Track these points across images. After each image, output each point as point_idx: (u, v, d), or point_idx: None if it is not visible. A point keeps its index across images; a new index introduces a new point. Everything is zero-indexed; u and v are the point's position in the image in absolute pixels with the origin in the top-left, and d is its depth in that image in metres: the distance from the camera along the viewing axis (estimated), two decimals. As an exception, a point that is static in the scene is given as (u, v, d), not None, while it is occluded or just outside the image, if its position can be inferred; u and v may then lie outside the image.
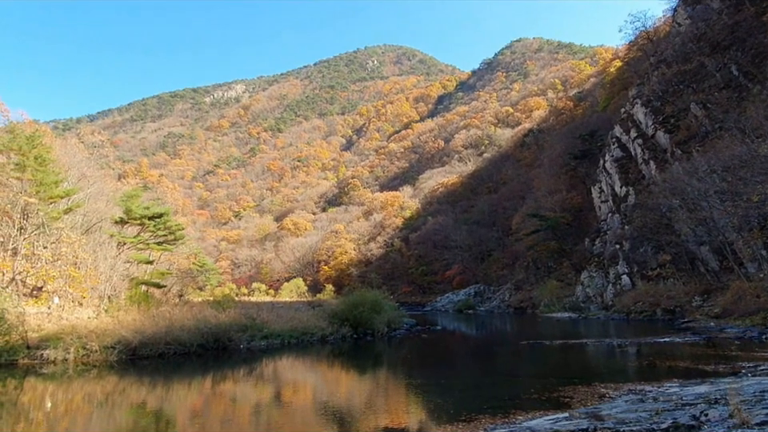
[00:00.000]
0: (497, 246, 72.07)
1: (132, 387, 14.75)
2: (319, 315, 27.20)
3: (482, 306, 57.59)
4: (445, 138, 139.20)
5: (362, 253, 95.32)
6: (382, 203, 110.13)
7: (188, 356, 18.80)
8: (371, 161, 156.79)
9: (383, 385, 15.14)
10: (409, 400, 12.53)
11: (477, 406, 10.40)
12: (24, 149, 24.41)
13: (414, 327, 30.99)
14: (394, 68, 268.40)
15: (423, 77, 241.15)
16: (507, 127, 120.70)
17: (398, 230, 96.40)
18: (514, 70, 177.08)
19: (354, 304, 26.58)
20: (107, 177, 43.55)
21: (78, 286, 24.64)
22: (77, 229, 28.97)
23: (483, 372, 16.49)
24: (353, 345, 23.88)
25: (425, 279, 79.87)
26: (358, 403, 12.30)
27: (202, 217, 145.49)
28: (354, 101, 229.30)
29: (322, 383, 15.84)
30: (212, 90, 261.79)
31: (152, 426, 10.69)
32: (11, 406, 12.17)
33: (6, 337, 16.43)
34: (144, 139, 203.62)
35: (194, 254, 41.95)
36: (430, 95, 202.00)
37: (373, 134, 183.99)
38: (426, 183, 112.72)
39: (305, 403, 12.90)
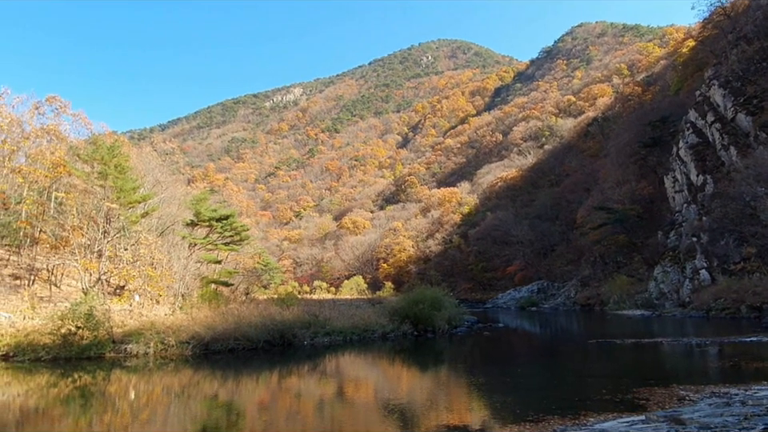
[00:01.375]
0: (560, 240, 69.49)
1: (205, 380, 15.56)
2: (379, 312, 27.41)
3: (545, 303, 55.76)
4: (503, 131, 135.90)
5: (420, 250, 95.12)
6: (439, 200, 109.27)
7: (256, 351, 19.56)
8: (428, 157, 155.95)
9: (445, 382, 15.03)
10: (471, 398, 12.36)
11: (544, 406, 10.07)
12: (106, 158, 26.42)
13: (476, 324, 30.53)
14: (449, 62, 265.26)
15: (479, 70, 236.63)
16: (569, 117, 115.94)
17: (457, 227, 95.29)
18: (576, 56, 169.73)
19: (414, 301, 26.55)
20: (178, 182, 46.18)
21: (155, 284, 26.34)
22: (153, 231, 30.97)
23: (549, 371, 15.96)
24: (414, 342, 23.88)
25: (485, 276, 78.48)
26: (419, 400, 12.29)
27: (264, 217, 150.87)
28: (409, 98, 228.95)
29: (383, 380, 15.96)
30: (271, 94, 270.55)
31: (224, 417, 11.23)
32: (100, 395, 13.22)
33: (95, 332, 17.84)
34: (210, 145, 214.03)
35: (259, 253, 43.64)
36: (487, 88, 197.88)
37: (429, 131, 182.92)
38: (484, 178, 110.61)
39: (367, 399, 13.06)
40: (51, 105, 32.76)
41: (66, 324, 17.49)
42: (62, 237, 26.55)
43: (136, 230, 28.20)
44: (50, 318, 18.12)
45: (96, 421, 10.75)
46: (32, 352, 16.87)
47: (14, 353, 16.87)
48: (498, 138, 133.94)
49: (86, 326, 17.66)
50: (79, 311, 17.72)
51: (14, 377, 14.92)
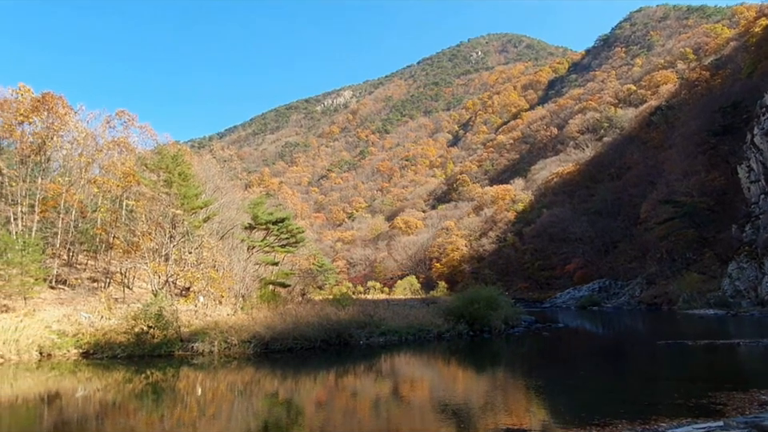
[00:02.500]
0: (623, 236, 66.31)
1: (266, 378, 16.09)
2: (434, 312, 27.27)
3: (608, 302, 53.40)
4: (558, 124, 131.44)
5: (473, 249, 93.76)
6: (492, 197, 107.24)
7: (313, 350, 19.99)
8: (479, 155, 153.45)
9: (502, 383, 14.73)
10: (530, 400, 12.04)
11: (610, 409, 9.66)
12: (170, 167, 27.93)
13: (534, 324, 29.71)
14: (500, 57, 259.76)
15: (531, 62, 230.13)
16: (629, 107, 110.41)
17: (511, 224, 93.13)
18: (635, 43, 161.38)
19: (469, 300, 26.21)
20: (236, 187, 48.07)
21: (218, 286, 27.53)
22: (214, 235, 32.41)
23: (614, 373, 15.28)
24: (469, 342, 23.57)
25: (542, 274, 76.21)
26: (476, 401, 12.11)
27: (318, 219, 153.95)
28: (459, 95, 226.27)
29: (439, 380, 15.87)
30: (322, 98, 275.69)
31: (284, 414, 11.56)
32: (170, 391, 13.98)
33: (165, 331, 18.89)
34: (265, 150, 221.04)
35: (314, 255, 44.60)
36: (540, 81, 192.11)
37: (480, 128, 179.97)
38: (538, 174, 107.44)
39: (423, 399, 13.02)
40: (121, 118, 35.02)
41: (138, 324, 18.63)
42: (133, 242, 28.30)
43: (199, 234, 29.61)
44: (125, 318, 19.36)
45: (167, 415, 11.37)
46: (109, 350, 18.09)
47: (93, 350, 18.16)
48: (553, 132, 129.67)
49: (156, 326, 18.74)
50: (150, 312, 18.84)
51: (94, 373, 16.06)
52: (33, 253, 22.71)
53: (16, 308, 21.06)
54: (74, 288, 26.89)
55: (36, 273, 22.67)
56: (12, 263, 21.44)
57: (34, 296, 22.68)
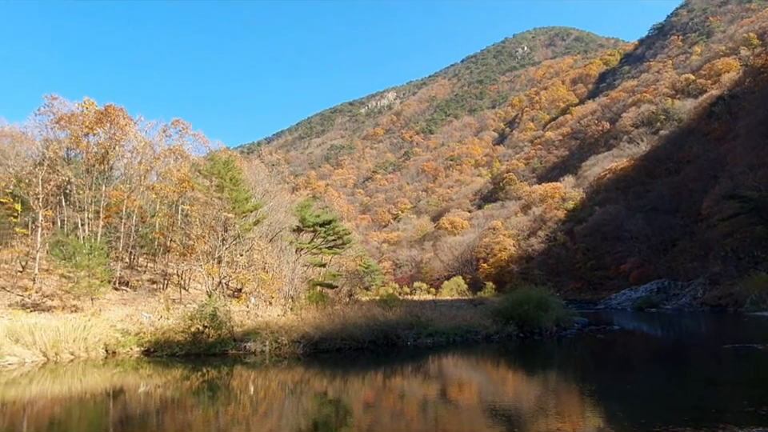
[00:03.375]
0: (683, 234, 62.90)
1: (315, 378, 16.37)
2: (482, 313, 26.85)
3: (667, 303, 50.75)
4: (610, 118, 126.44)
5: (522, 249, 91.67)
6: (541, 196, 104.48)
7: (361, 351, 20.15)
8: (527, 152, 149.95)
9: (554, 387, 14.31)
10: (584, 405, 11.62)
11: (672, 416, 9.18)
12: (222, 172, 29.00)
13: (587, 326, 28.68)
14: (547, 51, 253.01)
15: (580, 56, 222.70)
16: (688, 97, 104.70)
17: (561, 223, 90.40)
18: (693, 30, 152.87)
19: (518, 302, 25.62)
20: (284, 190, 49.26)
21: (268, 287, 28.31)
22: (264, 238, 33.35)
23: (676, 378, 14.50)
24: (519, 344, 23.05)
25: (595, 275, 73.49)
26: (526, 405, 11.82)
27: (364, 221, 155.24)
28: (504, 92, 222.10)
29: (487, 382, 15.61)
30: (366, 101, 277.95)
31: (332, 414, 11.73)
32: (225, 389, 14.50)
33: (219, 331, 19.61)
34: (311, 154, 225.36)
35: (360, 256, 45.00)
36: (590, 74, 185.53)
37: (527, 125, 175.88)
38: (590, 171, 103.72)
39: (471, 402, 12.85)
40: (176, 127, 36.70)
41: (194, 323, 19.43)
42: (188, 245, 29.57)
43: (249, 237, 30.58)
44: (182, 318, 20.24)
45: (221, 412, 11.80)
46: (168, 348, 18.97)
47: (154, 348, 19.11)
48: (605, 127, 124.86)
49: (211, 326, 19.47)
50: (205, 312, 19.60)
51: (154, 370, 16.89)
52: (98, 256, 24.16)
53: (84, 308, 22.47)
54: (135, 289, 28.40)
55: (101, 275, 24.10)
56: (80, 266, 22.91)
57: (100, 297, 24.12)
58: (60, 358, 17.39)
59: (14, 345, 16.97)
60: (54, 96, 32.20)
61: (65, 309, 22.17)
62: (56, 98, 32.25)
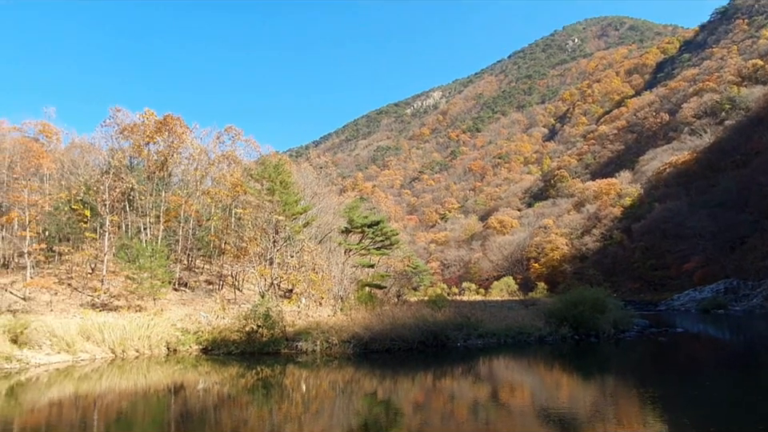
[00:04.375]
0: (752, 231, 58.74)
1: (365, 378, 16.52)
2: (534, 314, 26.21)
3: (735, 304, 47.57)
4: (669, 109, 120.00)
5: (575, 248, 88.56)
6: (595, 192, 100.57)
7: (411, 351, 20.14)
8: (579, 148, 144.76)
9: (611, 392, 13.74)
10: (645, 411, 11.08)
11: (743, 425, 8.60)
12: (272, 176, 29.84)
13: (648, 329, 27.35)
14: (599, 42, 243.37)
15: (635, 45, 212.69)
16: (756, 84, 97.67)
17: (617, 221, 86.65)
18: (761, 12, 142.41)
19: (573, 303, 24.82)
20: (332, 192, 49.97)
21: (318, 288, 28.83)
22: (313, 239, 33.99)
23: (747, 384, 13.58)
24: (574, 346, 22.31)
25: (655, 274, 69.92)
26: (582, 409, 11.41)
27: (411, 221, 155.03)
28: (554, 87, 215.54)
29: (540, 385, 15.20)
30: (411, 101, 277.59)
31: (382, 413, 11.79)
32: (278, 386, 14.90)
33: (272, 331, 20.17)
34: (358, 155, 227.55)
35: (408, 256, 44.95)
36: (646, 64, 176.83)
37: (579, 119, 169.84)
38: (648, 165, 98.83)
39: (523, 405, 12.55)
40: (229, 134, 38.09)
41: (249, 323, 20.08)
42: (241, 247, 30.58)
43: (299, 239, 31.25)
44: (237, 317, 20.98)
45: (275, 409, 12.13)
46: (224, 346, 19.72)
47: (211, 347, 19.91)
48: (664, 118, 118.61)
49: (264, 325, 20.06)
50: (258, 312, 20.22)
51: (212, 367, 17.59)
52: (160, 258, 25.45)
53: (147, 308, 23.74)
54: (193, 290, 29.69)
55: (163, 276, 25.35)
56: (143, 268, 24.22)
57: (161, 297, 25.39)
58: (126, 354, 18.46)
59: (85, 342, 18.16)
60: (118, 108, 34.30)
61: (130, 308, 23.50)
62: (120, 110, 34.34)
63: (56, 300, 24.26)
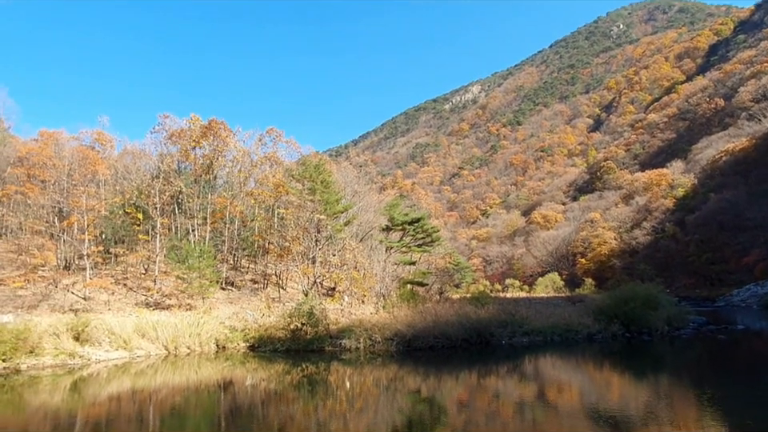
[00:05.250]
0: (821, 221, 54.76)
1: (409, 375, 16.51)
2: (582, 311, 25.45)
3: (804, 300, 44.46)
4: (724, 94, 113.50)
5: (624, 242, 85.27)
6: (644, 184, 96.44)
7: (454, 349, 19.98)
8: (626, 138, 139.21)
9: (666, 391, 13.15)
10: (703, 412, 10.54)
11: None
12: (313, 176, 30.30)
13: (705, 326, 26.01)
14: (646, 27, 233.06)
15: (685, 28, 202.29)
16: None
17: (669, 213, 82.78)
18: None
19: (623, 299, 23.95)
20: (372, 191, 50.20)
21: (360, 286, 29.06)
22: (354, 237, 34.27)
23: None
24: (625, 344, 21.51)
25: (711, 269, 66.38)
26: (634, 410, 10.97)
27: (452, 218, 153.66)
28: (599, 76, 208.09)
29: (589, 385, 14.73)
30: (450, 96, 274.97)
31: (426, 411, 11.75)
32: (323, 383, 15.12)
33: (316, 328, 20.51)
34: (397, 153, 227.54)
35: (449, 253, 44.59)
36: (698, 47, 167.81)
37: (626, 108, 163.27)
38: (702, 154, 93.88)
39: (571, 405, 12.20)
40: (270, 135, 38.93)
41: (293, 321, 20.49)
42: (284, 246, 31.24)
43: (341, 237, 31.59)
44: (282, 316, 21.44)
45: (320, 406, 12.31)
46: (270, 344, 20.20)
47: (258, 344, 20.45)
48: (719, 104, 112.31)
49: (308, 323, 20.42)
50: (302, 310, 20.59)
51: (259, 364, 18.06)
52: (207, 259, 26.35)
53: (196, 306, 24.63)
54: (239, 289, 30.57)
55: (210, 276, 26.24)
56: (192, 268, 25.14)
57: (210, 296, 26.28)
58: (179, 351, 19.23)
59: (141, 339, 19.04)
60: (166, 115, 35.74)
61: (181, 307, 24.45)
62: (167, 117, 35.77)
63: (113, 299, 25.55)
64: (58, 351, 16.87)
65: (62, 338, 17.29)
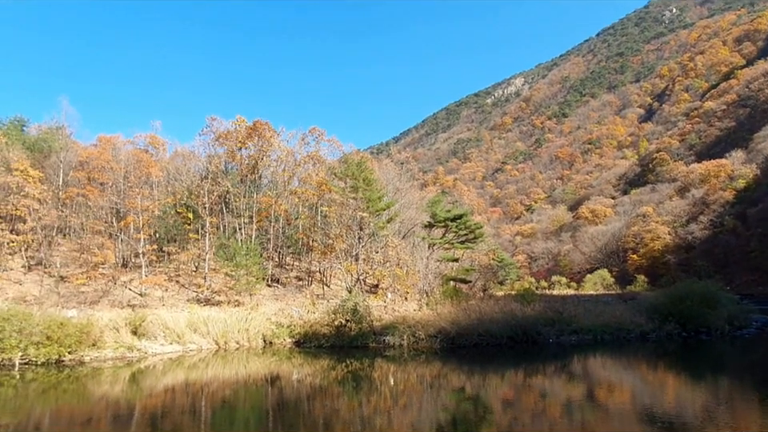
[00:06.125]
0: None
1: (453, 373, 16.40)
2: (634, 310, 24.50)
3: None
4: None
5: (679, 237, 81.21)
6: (701, 176, 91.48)
7: (499, 347, 19.69)
8: (681, 128, 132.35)
9: (727, 395, 12.45)
10: (766, 416, 9.91)
11: None
12: (355, 174, 30.56)
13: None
14: (701, 10, 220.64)
15: (745, 9, 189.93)
16: None
17: (729, 206, 78.16)
18: None
19: (679, 297, 22.88)
20: (413, 188, 50.14)
21: (403, 283, 29.10)
22: (397, 235, 34.35)
23: None
24: (681, 344, 20.53)
25: (777, 265, 62.20)
26: (691, 413, 10.45)
27: (495, 214, 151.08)
28: (650, 63, 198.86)
29: (642, 386, 14.15)
30: (492, 90, 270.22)
31: (471, 409, 11.63)
32: (367, 379, 15.25)
33: (360, 325, 20.72)
34: (438, 149, 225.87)
35: (493, 250, 43.94)
36: (759, 30, 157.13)
37: (680, 96, 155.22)
38: (765, 143, 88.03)
39: (623, 406, 11.75)
40: (313, 135, 39.56)
41: (337, 317, 20.78)
42: (328, 244, 31.70)
43: (383, 235, 31.74)
44: (326, 312, 21.79)
45: (365, 401, 12.43)
46: (315, 340, 20.58)
47: (303, 340, 20.87)
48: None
49: (352, 320, 20.66)
50: (346, 307, 20.85)
51: (304, 359, 18.43)
52: (254, 256, 27.10)
53: (244, 303, 25.40)
54: (284, 286, 31.28)
55: (257, 273, 26.98)
56: (240, 266, 25.93)
57: (257, 293, 27.03)
58: (228, 346, 19.90)
59: (193, 334, 19.83)
60: (214, 117, 36.96)
61: (229, 303, 25.28)
62: (215, 119, 36.98)
63: (167, 295, 26.73)
64: (117, 344, 17.83)
65: (121, 332, 18.25)
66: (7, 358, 15.42)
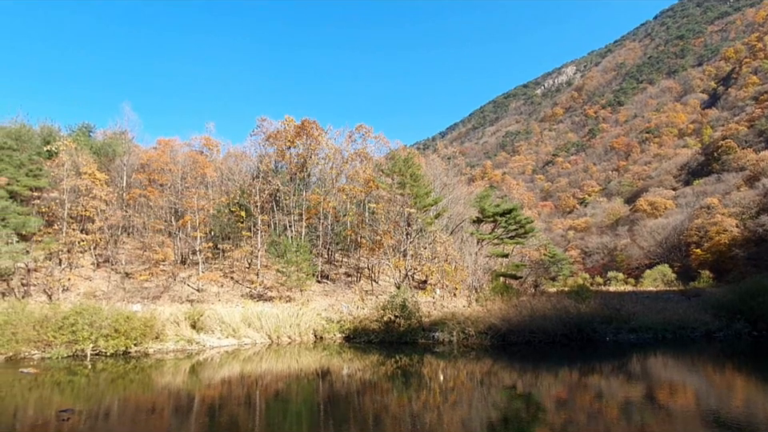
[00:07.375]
0: None
1: (504, 370, 16.12)
2: (698, 307, 23.18)
3: None
4: None
5: (748, 229, 75.81)
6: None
7: (552, 345, 19.16)
8: (749, 113, 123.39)
9: (808, 400, 11.53)
10: None
11: None
12: (402, 170, 30.56)
13: None
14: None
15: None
16: None
17: (807, 195, 72.25)
18: None
19: (749, 293, 21.46)
20: (461, 183, 49.53)
21: (452, 279, 28.86)
22: (445, 230, 34.08)
23: None
24: (752, 344, 19.23)
25: None
26: (763, 419, 9.75)
27: (546, 208, 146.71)
28: (714, 45, 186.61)
29: (708, 387, 13.36)
30: (541, 80, 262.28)
31: (523, 408, 11.38)
32: (416, 375, 15.26)
33: (409, 321, 20.77)
34: (486, 143, 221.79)
35: (544, 245, 42.71)
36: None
37: (748, 79, 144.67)
38: None
39: (686, 408, 11.14)
40: (359, 132, 39.89)
41: (386, 313, 20.90)
42: (376, 240, 31.91)
43: (431, 230, 31.57)
44: (375, 308, 21.98)
45: (414, 397, 12.43)
46: (365, 335, 20.80)
47: (352, 335, 21.15)
48: None
49: (401, 315, 20.72)
50: (395, 303, 20.94)
51: (354, 354, 18.67)
52: (304, 253, 27.70)
53: (295, 298, 26.02)
54: (334, 282, 31.78)
55: (307, 270, 27.57)
56: (290, 262, 26.58)
57: (307, 289, 27.62)
58: (281, 340, 20.47)
59: (247, 328, 20.54)
60: (263, 118, 38.06)
61: (281, 299, 25.98)
62: (265, 120, 38.06)
63: (222, 291, 27.81)
64: (178, 337, 18.74)
65: (181, 326, 19.18)
66: (80, 349, 16.58)
